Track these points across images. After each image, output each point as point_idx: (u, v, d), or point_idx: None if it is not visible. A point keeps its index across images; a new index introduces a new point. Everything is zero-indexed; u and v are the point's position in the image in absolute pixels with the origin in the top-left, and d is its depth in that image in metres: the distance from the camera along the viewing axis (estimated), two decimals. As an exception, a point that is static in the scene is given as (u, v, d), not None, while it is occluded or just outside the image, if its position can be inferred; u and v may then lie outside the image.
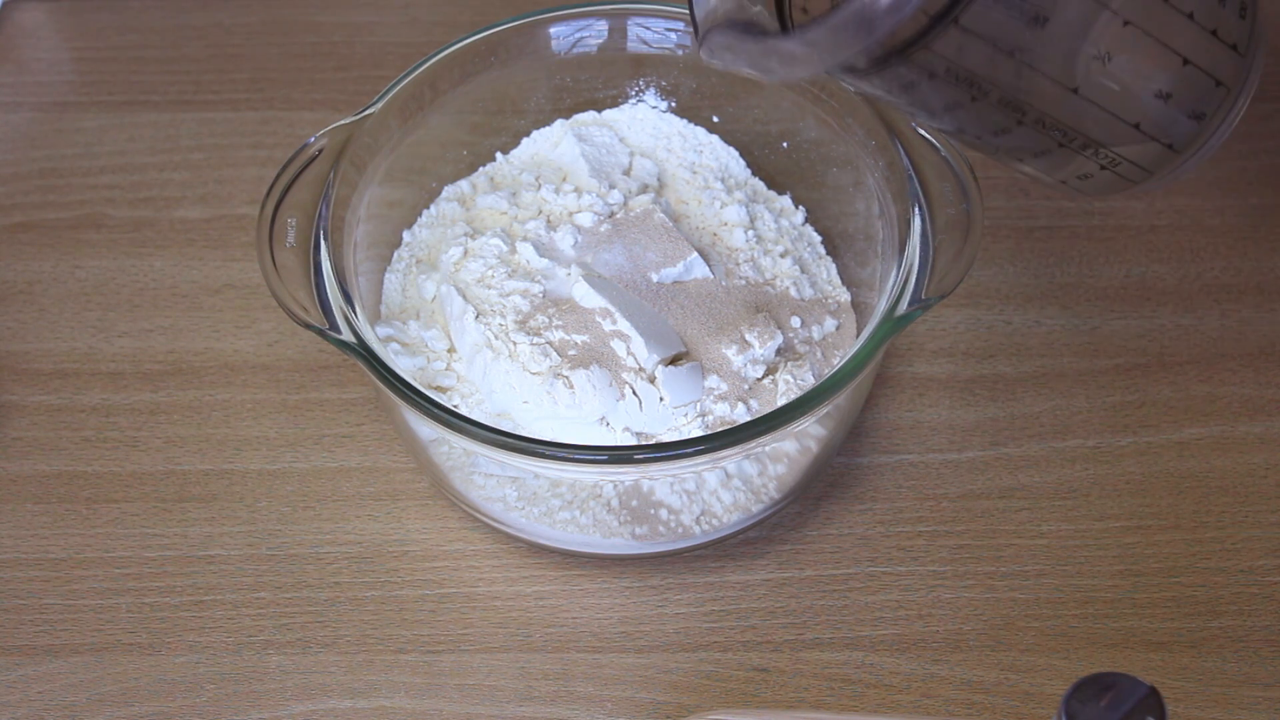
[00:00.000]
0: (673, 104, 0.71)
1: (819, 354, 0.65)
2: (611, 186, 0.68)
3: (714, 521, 0.63)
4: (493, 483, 0.62)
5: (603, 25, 0.68)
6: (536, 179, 0.69)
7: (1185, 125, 0.54)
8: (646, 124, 0.71)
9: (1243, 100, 0.55)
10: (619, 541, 0.63)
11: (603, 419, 0.61)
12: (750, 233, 0.67)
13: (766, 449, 0.62)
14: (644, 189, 0.68)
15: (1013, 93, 0.52)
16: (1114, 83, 0.52)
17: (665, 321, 0.63)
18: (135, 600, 0.64)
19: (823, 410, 0.58)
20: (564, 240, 0.66)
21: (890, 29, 0.47)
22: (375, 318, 0.66)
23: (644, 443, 0.61)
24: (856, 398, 0.64)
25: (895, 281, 0.60)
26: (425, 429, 0.61)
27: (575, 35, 0.68)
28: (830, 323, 0.66)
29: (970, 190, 0.61)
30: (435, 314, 0.66)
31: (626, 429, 0.61)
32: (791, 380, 0.62)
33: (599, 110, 0.71)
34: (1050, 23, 0.50)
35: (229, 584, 0.64)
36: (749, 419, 0.59)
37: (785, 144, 0.70)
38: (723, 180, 0.69)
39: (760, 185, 0.70)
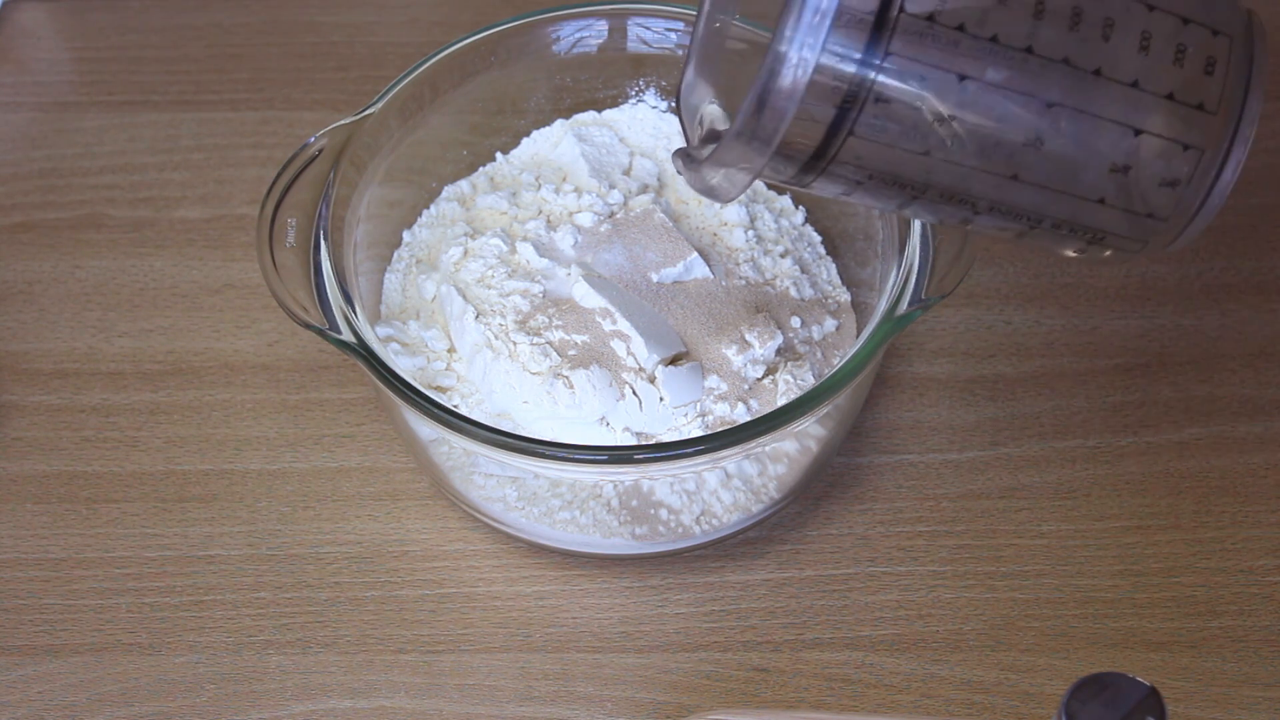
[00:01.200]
0: (673, 104, 0.71)
1: (819, 354, 0.65)
2: (611, 186, 0.68)
3: (714, 521, 0.63)
4: (493, 483, 0.62)
5: (603, 25, 0.68)
6: (536, 179, 0.69)
7: (1159, 194, 0.51)
8: (646, 124, 0.71)
9: (1234, 155, 0.51)
10: (619, 541, 0.63)
11: (603, 419, 0.61)
12: (750, 233, 0.67)
13: (766, 449, 0.62)
14: (644, 189, 0.68)
15: (949, 189, 0.51)
16: (1055, 165, 0.50)
17: (665, 321, 0.63)
18: (135, 600, 0.64)
19: (823, 410, 0.58)
20: (564, 240, 0.66)
21: (775, 136, 0.48)
22: (375, 318, 0.66)
23: (644, 443, 0.61)
24: (856, 398, 0.64)
25: (895, 281, 0.60)
26: (425, 429, 0.61)
27: (575, 35, 0.68)
28: (830, 323, 0.66)
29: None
30: (435, 314, 0.66)
31: (626, 429, 0.61)
32: (791, 380, 0.62)
33: (599, 110, 0.71)
34: (957, 120, 0.49)
35: (229, 584, 0.64)
36: (749, 419, 0.59)
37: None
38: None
39: (760, 185, 0.70)
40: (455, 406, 0.62)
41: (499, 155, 0.71)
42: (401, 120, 0.66)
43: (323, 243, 0.61)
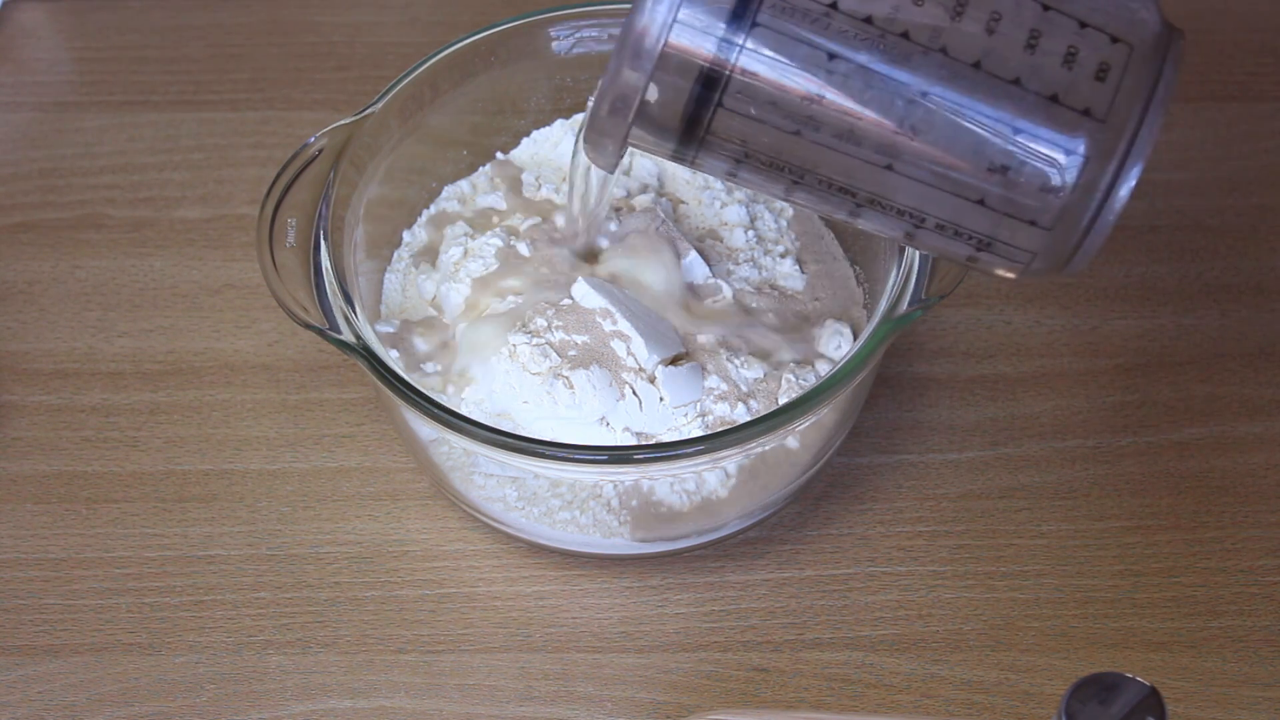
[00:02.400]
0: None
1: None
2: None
3: (714, 521, 0.63)
4: (493, 483, 0.62)
5: (603, 25, 0.68)
6: (537, 179, 0.69)
7: (1041, 201, 0.50)
8: (646, 124, 0.71)
9: (1128, 170, 0.49)
10: (619, 541, 0.63)
11: (603, 419, 0.61)
12: (750, 233, 0.67)
13: (767, 449, 0.62)
14: (644, 188, 0.68)
15: (826, 176, 0.50)
16: (930, 159, 0.49)
17: (665, 321, 0.63)
18: (135, 600, 0.64)
19: (823, 410, 0.58)
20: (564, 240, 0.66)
21: (636, 95, 0.48)
22: (375, 318, 0.66)
23: (644, 443, 0.61)
24: (856, 398, 0.64)
25: (895, 281, 0.60)
26: (425, 429, 0.61)
27: (575, 35, 0.68)
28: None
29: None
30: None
31: (626, 429, 0.61)
32: (792, 380, 0.62)
33: (599, 110, 0.71)
34: (826, 100, 0.48)
35: (229, 584, 0.64)
36: (749, 419, 0.59)
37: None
38: (722, 180, 0.69)
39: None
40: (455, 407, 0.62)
41: (499, 155, 0.71)
42: (401, 120, 0.66)
43: (323, 243, 0.61)
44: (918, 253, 0.60)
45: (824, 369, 0.63)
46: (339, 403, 0.69)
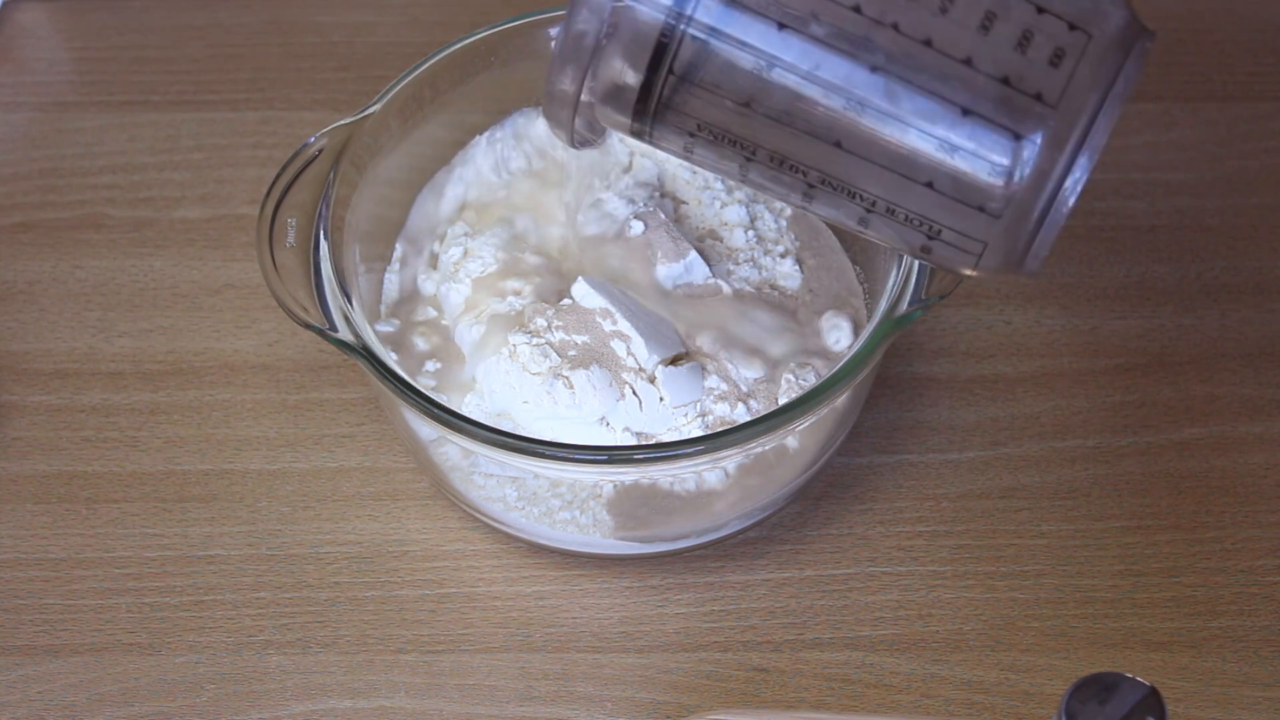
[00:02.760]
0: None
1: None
2: (609, 186, 0.68)
3: (714, 521, 0.63)
4: (493, 483, 0.62)
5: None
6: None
7: (990, 185, 0.49)
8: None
9: (1080, 161, 0.49)
10: (619, 542, 0.63)
11: (603, 419, 0.61)
12: (750, 233, 0.67)
13: (767, 449, 0.62)
14: (643, 186, 0.68)
15: (778, 152, 0.50)
16: (878, 138, 0.49)
17: (666, 321, 0.63)
18: (135, 600, 0.64)
19: (823, 410, 0.58)
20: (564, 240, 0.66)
21: (586, 55, 0.49)
22: (375, 318, 0.66)
23: (644, 443, 0.61)
24: (856, 398, 0.64)
25: (895, 281, 0.60)
26: (425, 429, 0.61)
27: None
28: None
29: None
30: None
31: (626, 429, 0.61)
32: (792, 380, 0.62)
33: (599, 110, 0.71)
34: (776, 71, 0.48)
35: (229, 584, 0.64)
36: (749, 419, 0.59)
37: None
38: (722, 180, 0.69)
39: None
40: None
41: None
42: (401, 120, 0.66)
43: (323, 243, 0.61)
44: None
45: (823, 367, 0.63)
46: (339, 403, 0.69)
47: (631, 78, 0.50)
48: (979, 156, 0.49)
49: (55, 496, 0.67)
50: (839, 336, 0.64)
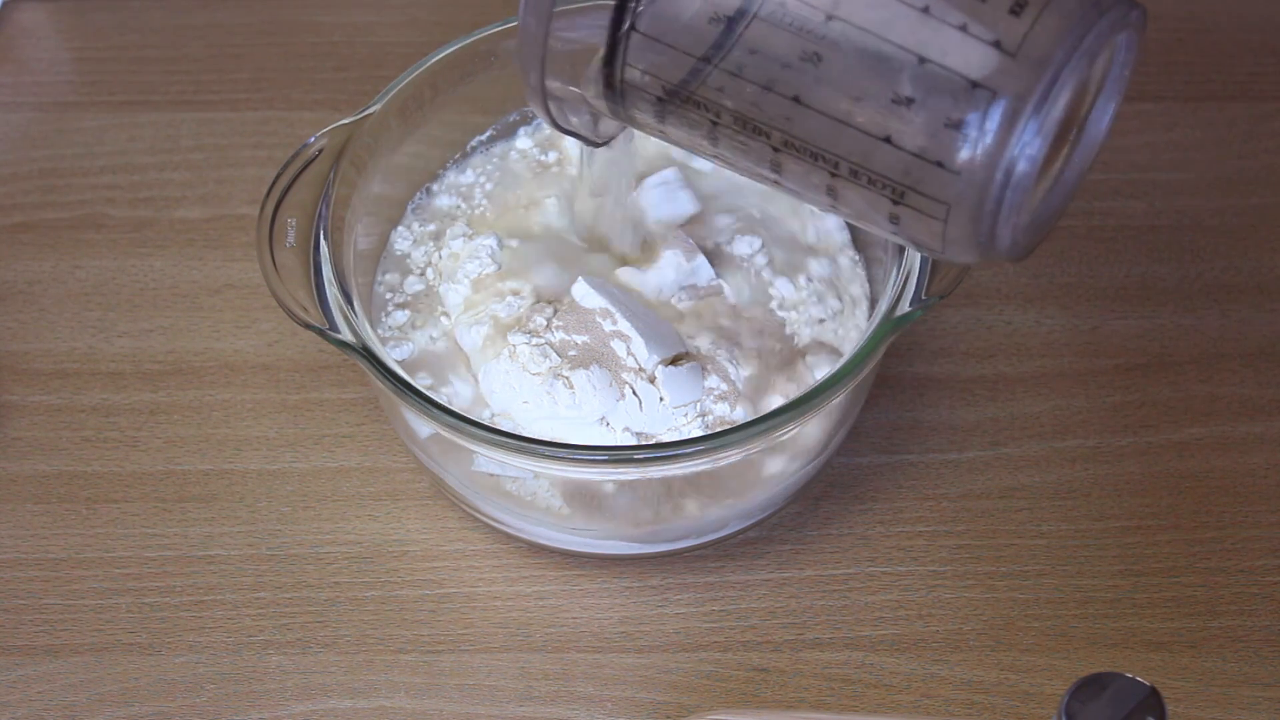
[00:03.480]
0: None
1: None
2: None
3: (714, 521, 0.63)
4: (493, 483, 0.62)
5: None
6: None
7: (946, 138, 0.47)
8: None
9: (1041, 115, 0.47)
10: (619, 542, 0.63)
11: (603, 419, 0.61)
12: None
13: (766, 449, 0.62)
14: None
15: (740, 113, 0.50)
16: (835, 88, 0.48)
17: (665, 322, 0.63)
18: (135, 600, 0.64)
19: (822, 410, 0.58)
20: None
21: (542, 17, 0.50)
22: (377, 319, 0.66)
23: (644, 443, 0.61)
24: (856, 398, 0.64)
25: (895, 281, 0.60)
26: (425, 429, 0.61)
27: (575, 35, 0.68)
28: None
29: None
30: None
31: (626, 429, 0.61)
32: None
33: (599, 110, 0.71)
34: (731, 20, 0.48)
35: (229, 584, 0.64)
36: (749, 419, 0.59)
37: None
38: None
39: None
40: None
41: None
42: (401, 120, 0.66)
43: (323, 243, 0.61)
44: (918, 253, 0.60)
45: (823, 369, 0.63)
46: (339, 403, 0.69)
47: (594, 30, 0.50)
48: (935, 106, 0.48)
49: (55, 496, 0.67)
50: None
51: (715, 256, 0.65)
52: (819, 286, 0.65)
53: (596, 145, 0.59)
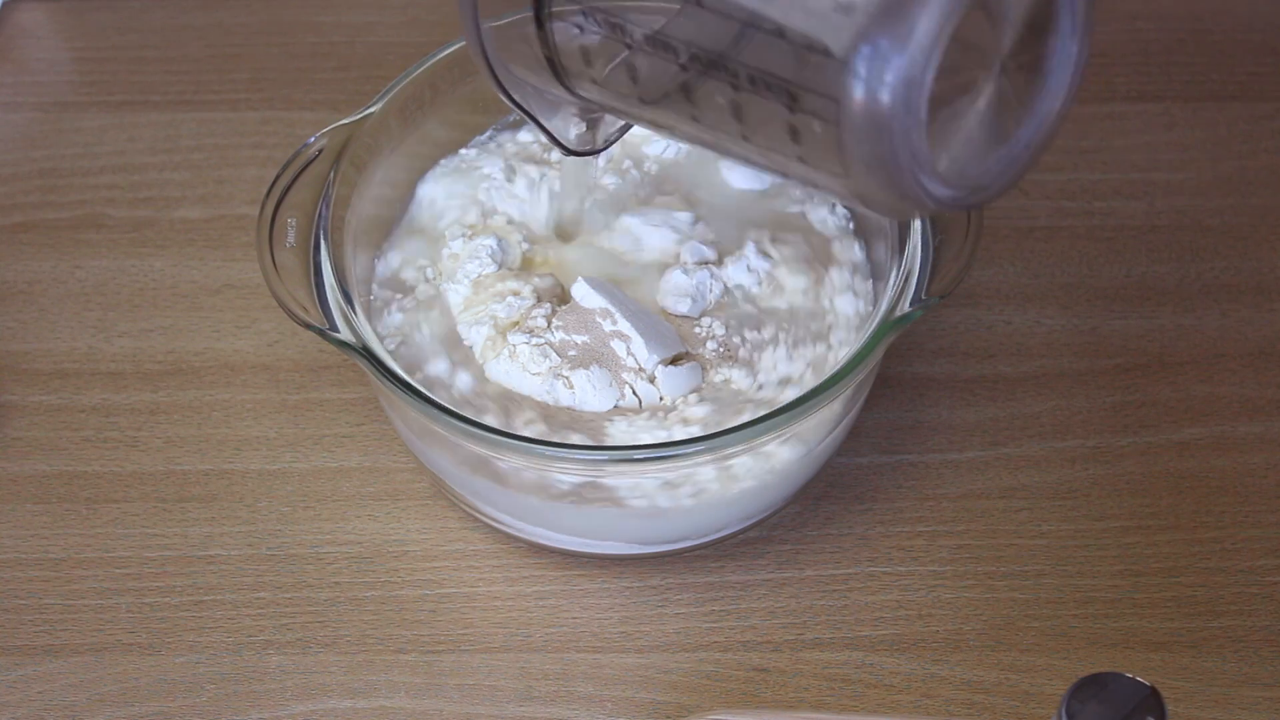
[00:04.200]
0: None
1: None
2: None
3: (714, 521, 0.62)
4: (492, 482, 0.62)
5: (602, 25, 0.68)
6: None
7: (834, 20, 0.44)
8: (646, 124, 0.71)
9: (929, 8, 0.43)
10: (619, 542, 0.63)
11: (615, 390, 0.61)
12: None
13: (765, 449, 0.61)
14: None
15: (645, 25, 0.50)
16: None
17: (665, 322, 0.63)
18: (135, 600, 0.64)
19: (823, 410, 0.58)
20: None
21: None
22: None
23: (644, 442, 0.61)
24: (856, 398, 0.64)
25: (895, 281, 0.60)
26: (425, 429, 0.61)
27: (575, 35, 0.68)
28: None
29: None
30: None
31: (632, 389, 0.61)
32: (791, 380, 0.62)
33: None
34: None
35: (229, 584, 0.64)
36: (749, 419, 0.59)
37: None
38: (723, 180, 0.69)
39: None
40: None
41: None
42: (401, 120, 0.66)
43: (323, 243, 0.61)
44: (918, 252, 0.60)
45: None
46: (339, 403, 0.69)
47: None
48: None
49: (55, 496, 0.67)
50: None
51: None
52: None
53: (568, 152, 0.59)
